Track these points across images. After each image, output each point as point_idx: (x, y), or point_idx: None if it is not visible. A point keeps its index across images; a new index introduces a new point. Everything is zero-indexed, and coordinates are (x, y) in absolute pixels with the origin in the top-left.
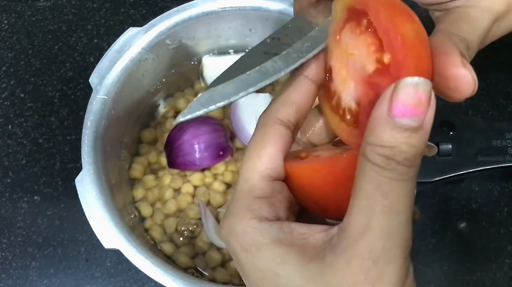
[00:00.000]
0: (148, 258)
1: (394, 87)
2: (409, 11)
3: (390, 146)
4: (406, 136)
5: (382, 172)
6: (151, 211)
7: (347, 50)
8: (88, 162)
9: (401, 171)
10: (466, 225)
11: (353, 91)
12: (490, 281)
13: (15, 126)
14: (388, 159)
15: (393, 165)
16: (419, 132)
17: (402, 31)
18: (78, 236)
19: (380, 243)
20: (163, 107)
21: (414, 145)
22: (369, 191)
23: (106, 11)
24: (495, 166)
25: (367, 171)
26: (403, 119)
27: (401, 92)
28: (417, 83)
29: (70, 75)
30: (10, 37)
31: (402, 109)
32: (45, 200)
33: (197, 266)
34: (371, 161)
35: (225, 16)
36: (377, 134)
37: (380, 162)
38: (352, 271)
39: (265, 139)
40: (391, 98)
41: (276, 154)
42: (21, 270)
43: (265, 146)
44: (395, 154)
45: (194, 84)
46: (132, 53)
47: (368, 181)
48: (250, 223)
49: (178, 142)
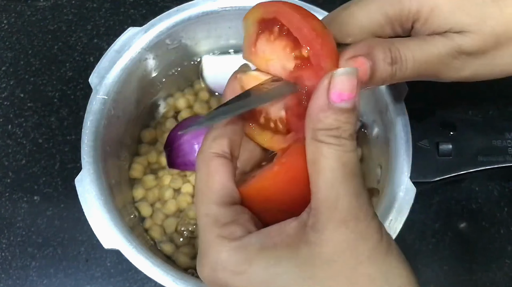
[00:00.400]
0: (148, 258)
1: (329, 78)
2: (311, 13)
3: (336, 127)
4: (346, 117)
5: (337, 147)
6: (151, 211)
7: (265, 57)
8: (88, 162)
9: (349, 144)
10: (466, 225)
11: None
12: (490, 281)
13: (15, 126)
14: (337, 137)
15: (342, 141)
16: (355, 111)
17: (314, 27)
18: (78, 236)
19: (354, 202)
20: (163, 107)
21: (352, 122)
22: (331, 165)
23: (106, 11)
24: (495, 166)
25: (324, 151)
26: (342, 103)
27: (337, 82)
28: (349, 72)
29: (70, 75)
30: (10, 37)
31: (340, 96)
32: (45, 200)
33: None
34: (325, 141)
35: (225, 16)
36: (322, 119)
37: (333, 141)
38: (342, 235)
39: (209, 172)
40: (328, 88)
41: (224, 181)
42: (21, 270)
43: (211, 177)
44: (341, 132)
45: (194, 84)
46: (132, 53)
47: (328, 157)
48: (230, 245)
49: (178, 143)
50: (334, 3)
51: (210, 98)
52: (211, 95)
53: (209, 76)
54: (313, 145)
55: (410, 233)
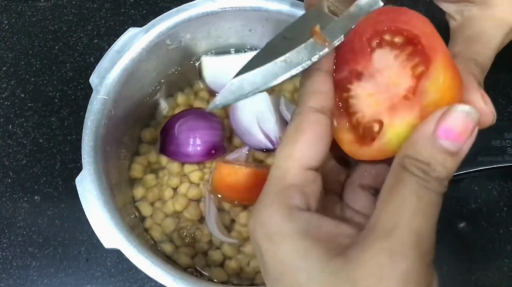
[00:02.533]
0: (148, 257)
1: (445, 110)
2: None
3: (427, 162)
4: (443, 158)
5: (418, 180)
6: (151, 211)
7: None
8: (89, 161)
9: (433, 183)
10: (466, 225)
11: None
12: (489, 281)
13: (15, 127)
14: (424, 172)
15: (427, 178)
16: (456, 157)
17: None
18: (79, 236)
19: (411, 239)
20: (163, 107)
21: (447, 167)
22: (405, 193)
23: (106, 12)
24: (494, 165)
25: (405, 177)
26: (446, 141)
27: (451, 117)
28: (468, 112)
29: (70, 76)
30: (11, 37)
31: (447, 133)
32: (45, 199)
33: (196, 265)
34: (409, 170)
35: (225, 16)
36: (418, 149)
37: (417, 172)
38: (379, 263)
39: (300, 127)
40: (440, 119)
41: (312, 142)
42: (22, 270)
43: (300, 134)
44: (430, 171)
45: (194, 84)
46: (132, 53)
47: (405, 185)
48: (279, 210)
49: (174, 131)
50: None
51: (209, 98)
52: (211, 95)
53: (208, 76)
54: (397, 169)
55: None
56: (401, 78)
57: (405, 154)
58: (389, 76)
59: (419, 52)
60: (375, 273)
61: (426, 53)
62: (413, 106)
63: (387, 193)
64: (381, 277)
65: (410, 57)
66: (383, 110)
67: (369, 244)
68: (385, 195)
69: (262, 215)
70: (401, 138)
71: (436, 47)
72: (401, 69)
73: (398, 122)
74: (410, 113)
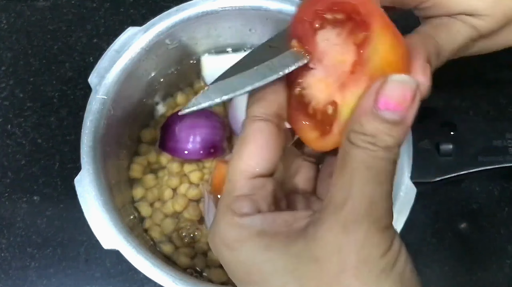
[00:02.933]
0: (147, 258)
1: (382, 81)
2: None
3: (372, 134)
4: (387, 128)
5: (366, 151)
6: (151, 211)
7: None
8: (88, 162)
9: (382, 153)
10: (467, 225)
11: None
12: (490, 281)
13: (14, 127)
14: (371, 143)
15: (375, 148)
16: (401, 125)
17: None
18: (78, 236)
19: (363, 207)
20: (163, 107)
21: (394, 136)
22: (354, 166)
23: (105, 11)
24: (495, 166)
25: (352, 151)
26: (386, 112)
27: (388, 87)
28: (404, 81)
29: (69, 75)
30: (9, 37)
31: (386, 104)
32: (44, 200)
33: (196, 266)
34: (355, 144)
35: (225, 15)
36: (362, 123)
37: (363, 145)
38: (335, 237)
39: (243, 139)
40: (377, 91)
41: (255, 151)
42: (21, 271)
43: (243, 146)
44: (377, 141)
45: (193, 84)
46: (131, 53)
47: (353, 158)
48: (232, 220)
49: (175, 127)
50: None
51: None
52: None
53: (208, 75)
54: (345, 145)
55: (410, 233)
56: (346, 54)
57: (351, 129)
58: (335, 56)
59: (359, 23)
60: (333, 247)
61: (365, 22)
62: (360, 78)
63: (338, 169)
64: (339, 249)
65: (352, 31)
66: (334, 91)
67: (324, 220)
68: (337, 171)
69: (219, 228)
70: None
71: (373, 12)
72: (345, 46)
73: (349, 98)
74: (359, 85)
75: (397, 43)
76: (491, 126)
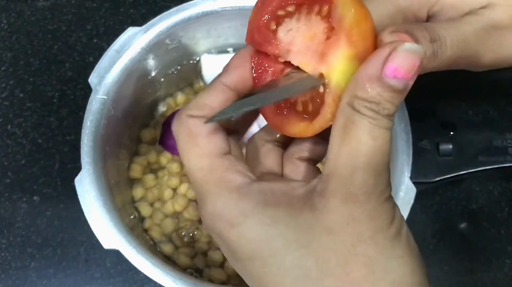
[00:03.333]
0: (147, 258)
1: (391, 49)
2: None
3: (377, 102)
4: (391, 96)
5: (371, 121)
6: (151, 211)
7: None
8: (88, 162)
9: (385, 121)
10: (467, 225)
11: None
12: (490, 281)
13: (14, 127)
14: (375, 111)
15: (379, 117)
16: (403, 93)
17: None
18: (78, 237)
19: (371, 179)
20: (163, 107)
21: (395, 104)
22: (360, 135)
23: (105, 11)
24: (495, 166)
25: (357, 119)
26: (393, 80)
27: (399, 56)
28: (415, 50)
29: (69, 75)
30: (10, 37)
31: (395, 72)
32: (44, 200)
33: (196, 266)
34: (360, 111)
35: (225, 15)
36: (367, 89)
37: (368, 113)
38: (348, 209)
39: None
40: (386, 58)
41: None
42: (21, 271)
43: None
44: (380, 109)
45: (193, 83)
46: (131, 53)
47: (358, 127)
48: (228, 195)
49: None
50: None
51: None
52: None
53: (208, 75)
54: (347, 110)
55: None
56: (315, 28)
57: (354, 94)
58: (304, 36)
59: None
60: (347, 218)
61: None
62: (338, 38)
63: (341, 135)
64: (353, 220)
65: (311, 9)
66: (316, 64)
67: (333, 191)
68: (339, 137)
69: (215, 209)
70: (348, 74)
71: None
72: (310, 22)
73: (335, 62)
74: (340, 45)
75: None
76: (491, 127)
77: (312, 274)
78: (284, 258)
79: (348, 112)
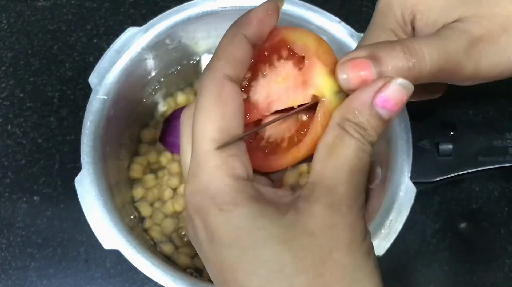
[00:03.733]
0: (147, 258)
1: (386, 81)
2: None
3: (364, 128)
4: (377, 124)
5: (358, 142)
6: (151, 211)
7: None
8: (88, 162)
9: (368, 147)
10: (467, 225)
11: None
12: (490, 281)
13: (14, 127)
14: (362, 135)
15: (365, 141)
16: (386, 124)
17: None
18: (78, 237)
19: (353, 194)
20: (163, 107)
21: (378, 133)
22: (346, 153)
23: (105, 11)
24: (495, 166)
25: (346, 139)
26: (382, 109)
27: (391, 88)
28: (406, 86)
29: (69, 75)
30: (9, 37)
31: (385, 102)
32: (44, 200)
33: (196, 265)
34: (349, 132)
35: (225, 16)
36: (357, 114)
37: (357, 135)
38: (329, 216)
39: (222, 97)
40: (380, 89)
41: (237, 112)
42: (21, 271)
43: (224, 102)
44: (366, 135)
45: (194, 84)
46: (131, 53)
47: (346, 145)
48: (225, 180)
49: (177, 123)
50: (334, 2)
51: None
52: None
53: None
54: (337, 130)
55: (410, 233)
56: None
57: (345, 116)
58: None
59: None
60: (328, 224)
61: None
62: (312, 61)
63: (329, 150)
64: (333, 227)
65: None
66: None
67: (317, 197)
68: (326, 151)
69: (208, 188)
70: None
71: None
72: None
73: (320, 79)
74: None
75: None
76: (491, 126)
77: (287, 270)
78: (263, 250)
79: (338, 132)
